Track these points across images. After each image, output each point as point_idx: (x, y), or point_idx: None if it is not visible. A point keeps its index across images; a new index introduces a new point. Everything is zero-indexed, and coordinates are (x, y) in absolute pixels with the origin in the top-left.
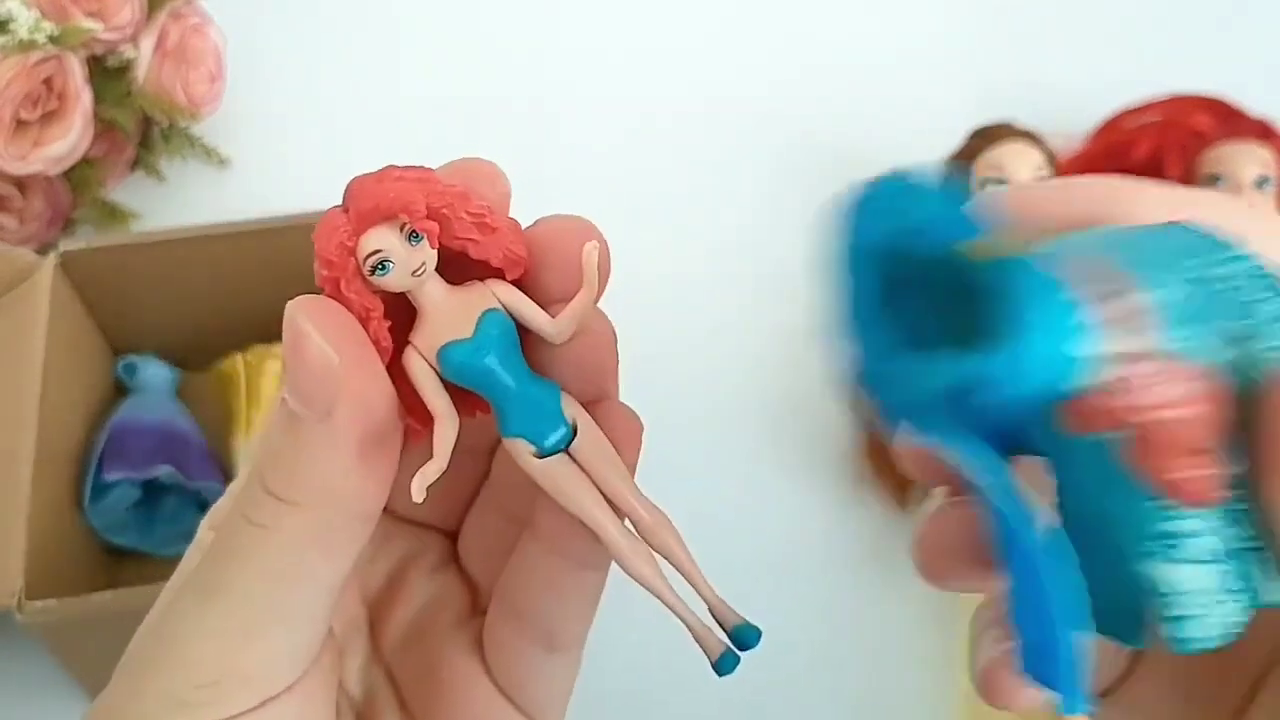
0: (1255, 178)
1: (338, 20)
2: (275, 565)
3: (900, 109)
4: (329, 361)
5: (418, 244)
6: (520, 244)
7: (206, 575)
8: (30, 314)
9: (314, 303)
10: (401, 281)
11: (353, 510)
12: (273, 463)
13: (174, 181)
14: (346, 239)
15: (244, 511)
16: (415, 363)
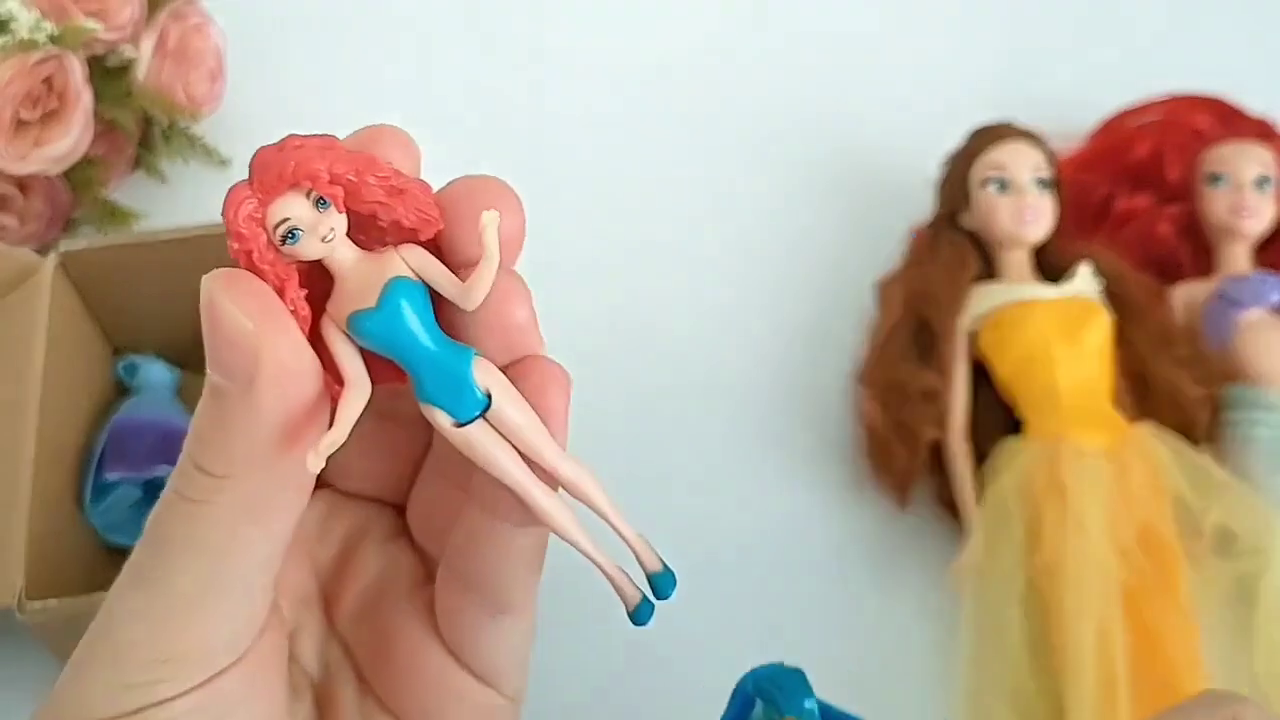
0: (1255, 178)
1: (338, 20)
2: (209, 540)
3: (900, 109)
4: (245, 330)
5: (325, 210)
6: (431, 204)
7: (141, 558)
8: (30, 314)
9: (227, 275)
10: (312, 248)
11: (282, 480)
12: (200, 438)
13: (175, 181)
14: (254, 211)
15: (176, 489)
16: (330, 330)
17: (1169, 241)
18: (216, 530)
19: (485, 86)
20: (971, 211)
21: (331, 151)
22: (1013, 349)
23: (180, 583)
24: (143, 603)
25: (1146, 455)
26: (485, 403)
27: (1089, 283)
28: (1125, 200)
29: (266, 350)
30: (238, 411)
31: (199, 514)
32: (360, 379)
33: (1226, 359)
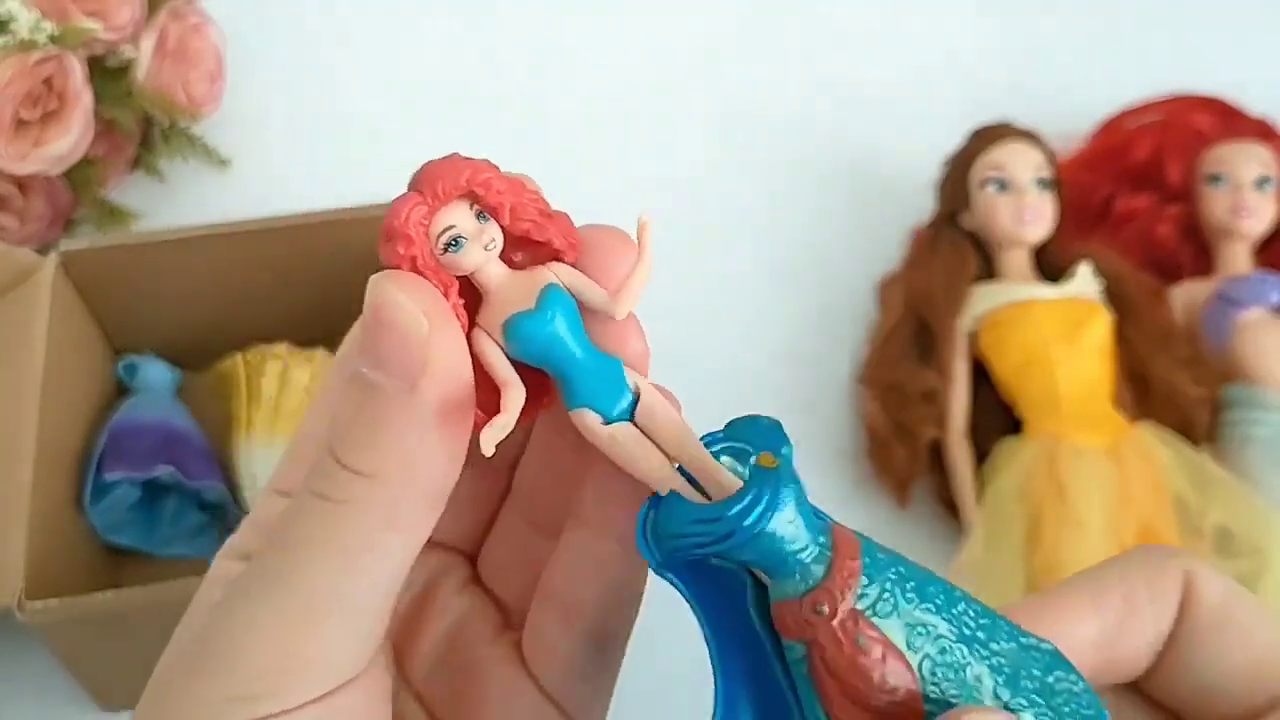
0: (1255, 178)
1: (338, 20)
2: (347, 541)
3: (900, 109)
4: (421, 328)
5: (486, 222)
6: (574, 230)
7: (269, 562)
8: (30, 314)
9: (400, 275)
10: (473, 257)
11: (429, 485)
12: (347, 436)
13: (174, 181)
14: (423, 217)
15: (313, 488)
16: (482, 340)
17: (1169, 242)
18: (356, 532)
19: (486, 87)
20: (972, 212)
21: (495, 169)
22: (1012, 349)
23: (313, 584)
24: (269, 605)
25: (1146, 455)
26: (634, 401)
27: (1089, 283)
28: (1125, 200)
29: (437, 349)
30: (395, 410)
31: (339, 514)
32: (516, 379)
33: (1226, 359)
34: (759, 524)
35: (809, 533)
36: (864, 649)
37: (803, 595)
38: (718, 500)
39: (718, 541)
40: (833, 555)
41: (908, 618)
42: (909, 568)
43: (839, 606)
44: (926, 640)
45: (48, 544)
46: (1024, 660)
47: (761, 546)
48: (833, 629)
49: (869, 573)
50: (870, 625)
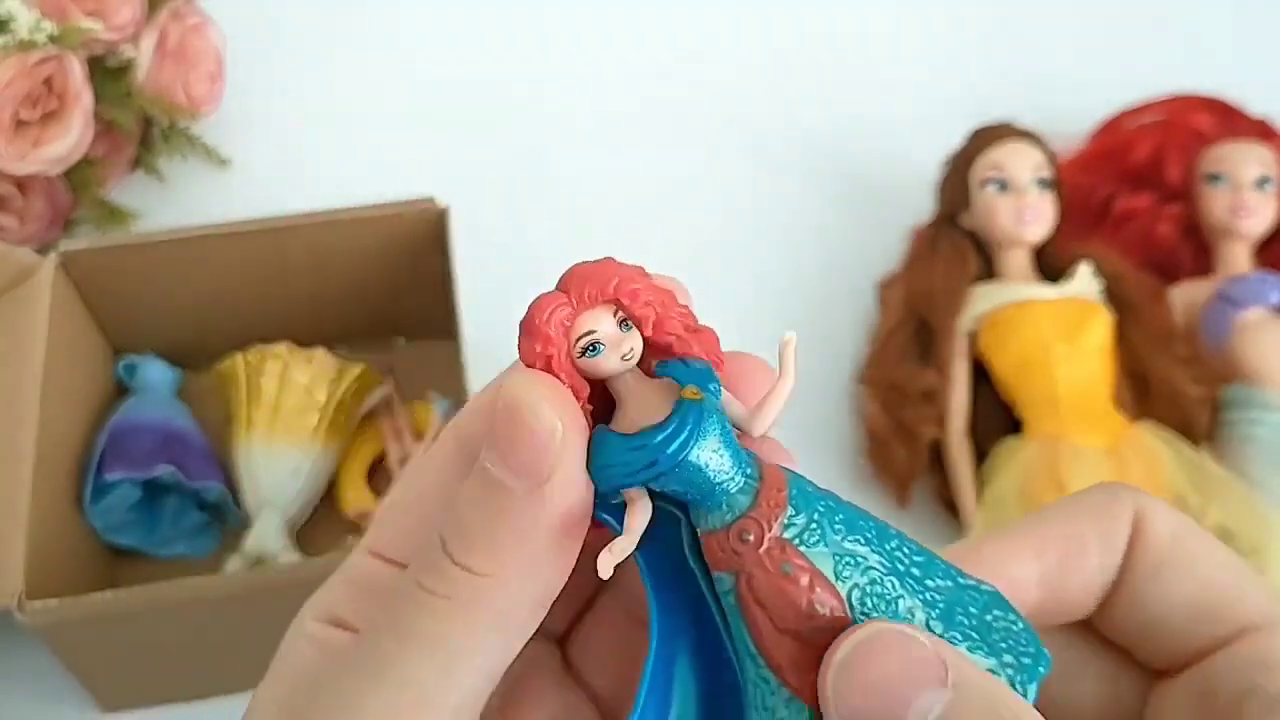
0: (1255, 177)
1: (337, 20)
2: (456, 639)
3: (901, 109)
4: (556, 432)
5: (628, 331)
6: (719, 348)
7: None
8: (30, 314)
9: (538, 376)
10: (610, 364)
11: (542, 591)
12: (464, 533)
13: (174, 181)
14: (565, 319)
15: (425, 583)
16: None
17: (1169, 241)
18: (466, 631)
19: (487, 87)
20: (972, 211)
21: (645, 278)
22: (1012, 349)
23: (421, 679)
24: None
25: (1146, 454)
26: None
27: (1089, 283)
28: (1125, 200)
29: (566, 456)
30: (518, 512)
31: (450, 612)
32: (643, 495)
33: (1226, 359)
34: (681, 451)
35: (735, 464)
36: (790, 576)
37: (729, 525)
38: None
39: (645, 469)
40: (759, 486)
41: (836, 548)
42: (840, 504)
43: (765, 535)
44: (856, 571)
45: (48, 544)
46: (961, 598)
47: (686, 475)
48: (759, 556)
49: (796, 504)
50: (797, 554)
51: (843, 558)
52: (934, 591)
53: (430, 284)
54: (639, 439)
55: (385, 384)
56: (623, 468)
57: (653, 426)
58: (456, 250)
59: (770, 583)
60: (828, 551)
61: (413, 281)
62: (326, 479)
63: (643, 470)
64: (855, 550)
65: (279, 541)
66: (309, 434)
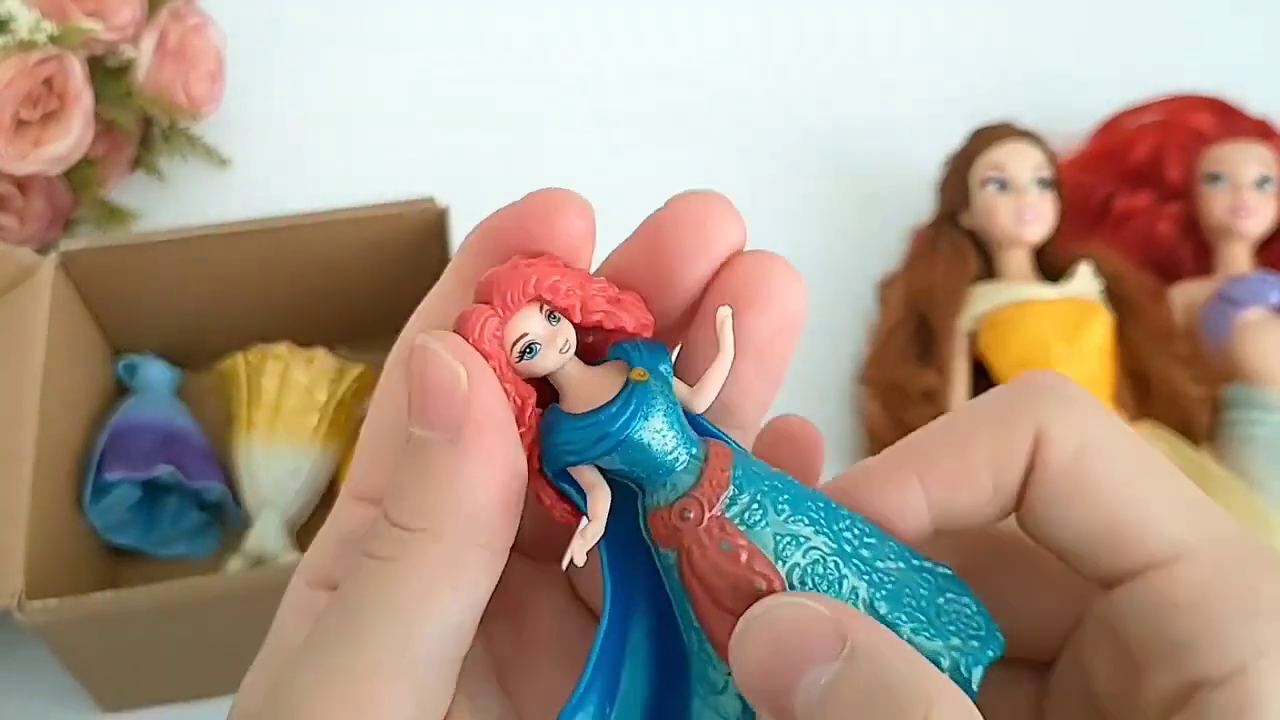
0: (1255, 177)
1: (337, 20)
2: (402, 599)
3: (901, 109)
4: (458, 378)
5: (557, 324)
6: (644, 308)
7: (329, 622)
8: (30, 314)
9: (439, 333)
10: (549, 360)
11: (480, 537)
12: (397, 494)
13: (174, 181)
14: (496, 328)
15: (366, 549)
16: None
17: (1169, 241)
18: (409, 589)
19: (487, 87)
20: (972, 211)
21: (558, 267)
22: (1012, 348)
23: (371, 646)
24: (330, 668)
25: None
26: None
27: (1089, 282)
28: (1125, 200)
29: (477, 399)
30: (440, 463)
31: (390, 572)
32: (600, 481)
33: (1226, 359)
34: (625, 429)
35: (680, 443)
36: (729, 554)
37: (672, 503)
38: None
39: (592, 446)
40: (704, 466)
41: (778, 528)
42: (789, 484)
43: (705, 513)
44: (797, 551)
45: (48, 544)
46: (911, 580)
47: (631, 453)
48: (698, 534)
49: (739, 483)
50: (737, 532)
51: (784, 537)
52: (882, 573)
53: (430, 284)
54: (587, 418)
55: None
56: (571, 445)
57: (600, 406)
58: (456, 250)
59: (708, 560)
60: (769, 531)
61: (413, 281)
62: (326, 479)
63: (590, 447)
64: (798, 531)
65: (279, 541)
66: (309, 434)
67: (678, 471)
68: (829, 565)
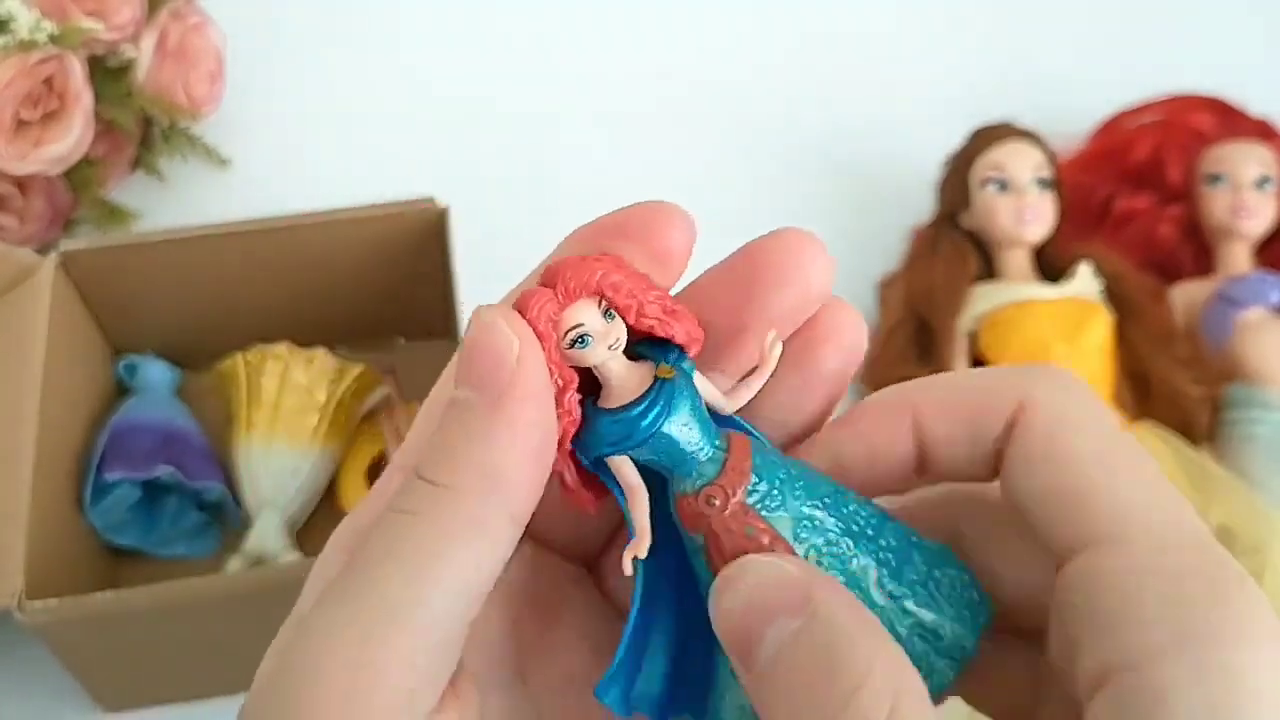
0: (1255, 177)
1: (337, 21)
2: (416, 553)
3: (901, 109)
4: (511, 345)
5: (612, 321)
6: (695, 324)
7: (339, 581)
8: (30, 314)
9: (501, 306)
10: (598, 354)
11: (505, 498)
12: (431, 452)
13: (174, 181)
14: (552, 314)
15: (392, 505)
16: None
17: (1169, 242)
18: (425, 542)
19: (487, 87)
20: (972, 211)
21: (624, 268)
22: (1012, 349)
23: (380, 598)
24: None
25: None
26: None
27: (1089, 283)
28: (1126, 201)
29: (524, 367)
30: (478, 424)
31: (408, 525)
32: (640, 483)
33: (1226, 359)
34: (654, 425)
35: (704, 436)
36: (752, 538)
37: (699, 491)
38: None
39: (623, 440)
40: (726, 456)
41: (795, 513)
42: (802, 470)
43: (729, 500)
44: (814, 533)
45: (48, 544)
46: (910, 555)
47: (659, 446)
48: (724, 519)
49: (759, 472)
50: (758, 518)
51: (801, 521)
52: (886, 550)
53: (430, 284)
54: (620, 413)
55: (385, 384)
56: (605, 438)
57: (632, 402)
58: (456, 250)
59: (735, 543)
60: (788, 516)
61: (413, 281)
62: (326, 479)
63: (622, 441)
64: (814, 514)
65: (279, 541)
66: (309, 434)
67: (703, 462)
68: (842, 545)
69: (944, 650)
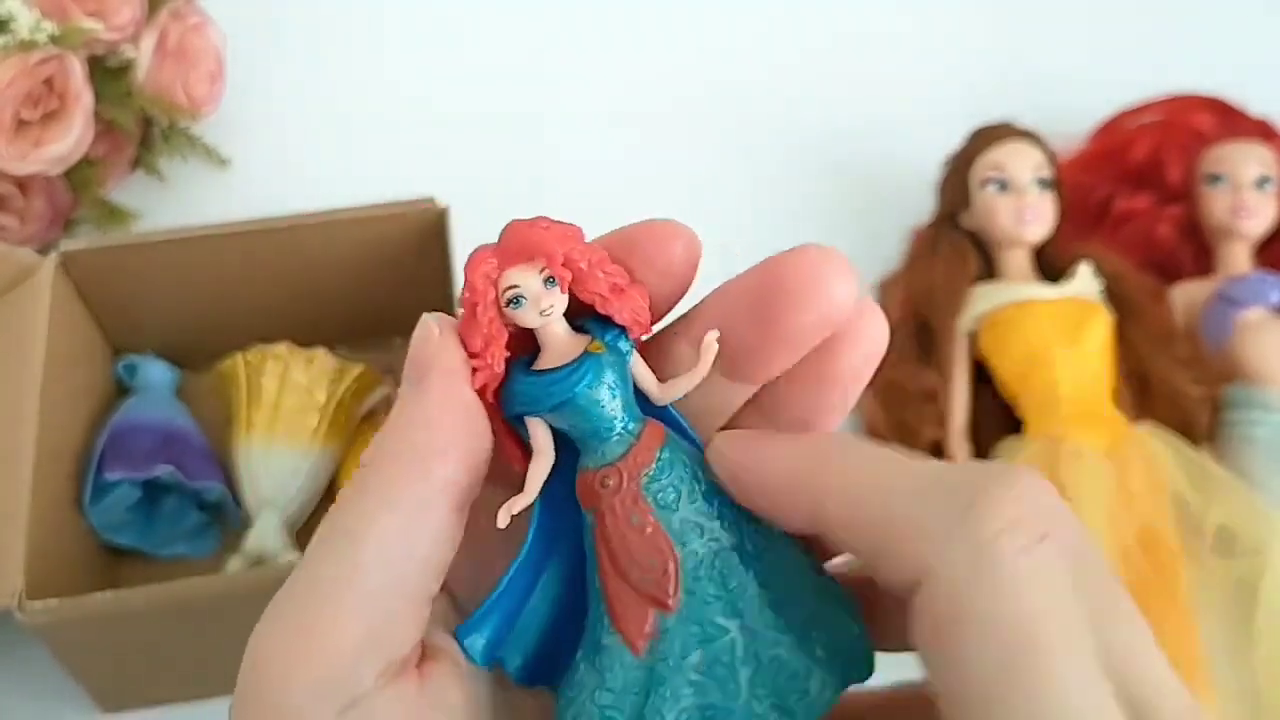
0: (1255, 177)
1: (337, 21)
2: (346, 524)
3: (901, 109)
4: (432, 332)
5: (551, 288)
6: (646, 310)
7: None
8: (30, 314)
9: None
10: (530, 318)
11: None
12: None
13: (174, 181)
14: (490, 271)
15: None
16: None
17: (1169, 242)
18: (347, 520)
19: (488, 87)
20: (972, 212)
21: (572, 239)
22: (1013, 349)
23: (319, 571)
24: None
25: (1147, 455)
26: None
27: (1089, 283)
28: (1125, 200)
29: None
30: (402, 403)
31: (335, 508)
32: (548, 447)
33: (1226, 359)
34: (565, 393)
35: (621, 417)
36: (636, 527)
37: (599, 469)
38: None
39: (535, 402)
40: (635, 441)
41: (687, 514)
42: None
43: (624, 484)
44: (700, 541)
45: (48, 544)
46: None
47: (569, 415)
48: (614, 502)
49: (664, 466)
50: (648, 509)
51: (691, 524)
52: (774, 578)
53: (430, 284)
54: (543, 377)
55: (385, 384)
56: (521, 397)
57: (555, 368)
58: (456, 250)
59: (617, 528)
60: (677, 515)
61: (413, 281)
62: (326, 479)
63: (533, 403)
64: (705, 523)
65: (279, 541)
66: (309, 434)
67: (610, 441)
68: (728, 560)
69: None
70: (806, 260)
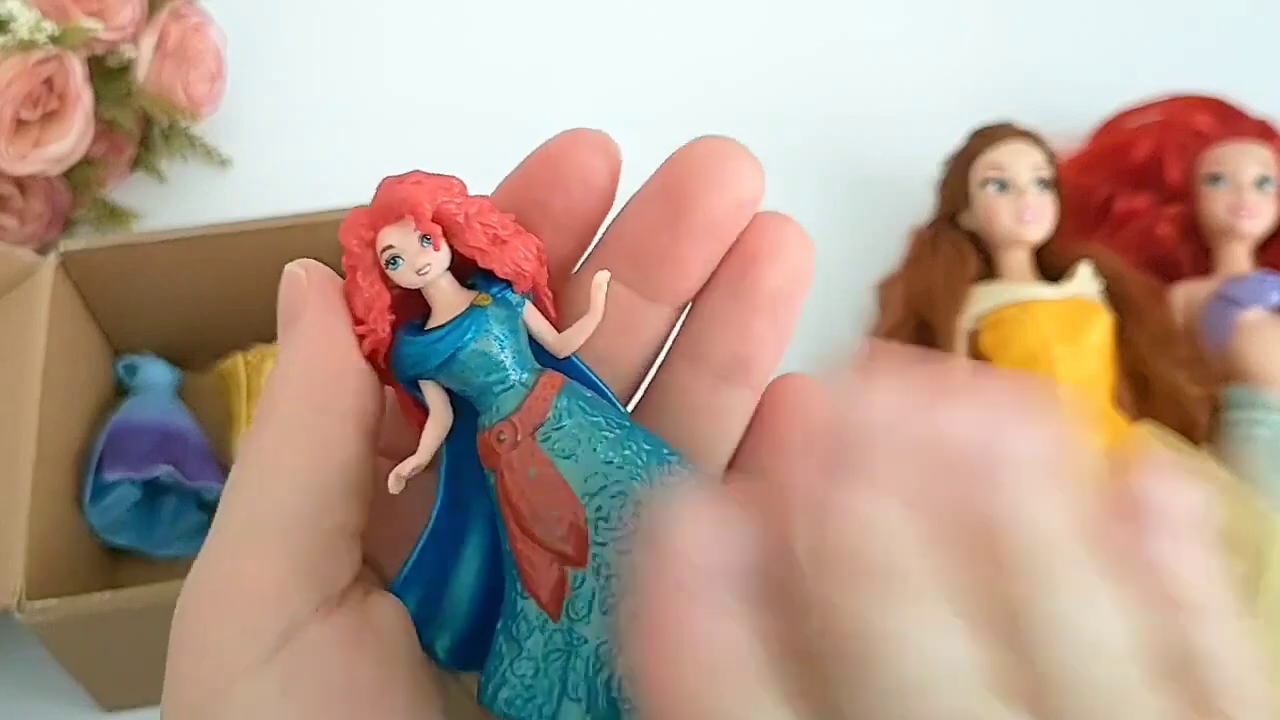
0: (1255, 178)
1: (338, 21)
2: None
3: (900, 109)
4: (299, 277)
5: (426, 246)
6: (531, 260)
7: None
8: (30, 314)
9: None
10: (408, 277)
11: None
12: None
13: (174, 181)
14: (364, 232)
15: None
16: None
17: (1169, 242)
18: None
19: (488, 88)
20: (972, 211)
21: (445, 192)
22: (1013, 349)
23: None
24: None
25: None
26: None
27: (1089, 283)
28: (1125, 200)
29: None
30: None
31: (245, 451)
32: (443, 410)
33: (1226, 359)
34: (446, 350)
35: (513, 370)
36: (534, 480)
37: (494, 425)
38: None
39: (420, 362)
40: (529, 393)
41: (589, 464)
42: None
43: (517, 437)
44: (603, 492)
45: (48, 544)
46: None
47: (456, 373)
48: (510, 458)
49: (562, 414)
50: (546, 461)
51: (595, 474)
52: None
53: None
54: (426, 336)
55: None
56: (409, 359)
57: (439, 326)
58: None
59: (517, 484)
60: (578, 466)
61: None
62: None
63: (419, 363)
64: (610, 472)
65: None
66: None
67: (502, 395)
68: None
69: None
70: (707, 147)
